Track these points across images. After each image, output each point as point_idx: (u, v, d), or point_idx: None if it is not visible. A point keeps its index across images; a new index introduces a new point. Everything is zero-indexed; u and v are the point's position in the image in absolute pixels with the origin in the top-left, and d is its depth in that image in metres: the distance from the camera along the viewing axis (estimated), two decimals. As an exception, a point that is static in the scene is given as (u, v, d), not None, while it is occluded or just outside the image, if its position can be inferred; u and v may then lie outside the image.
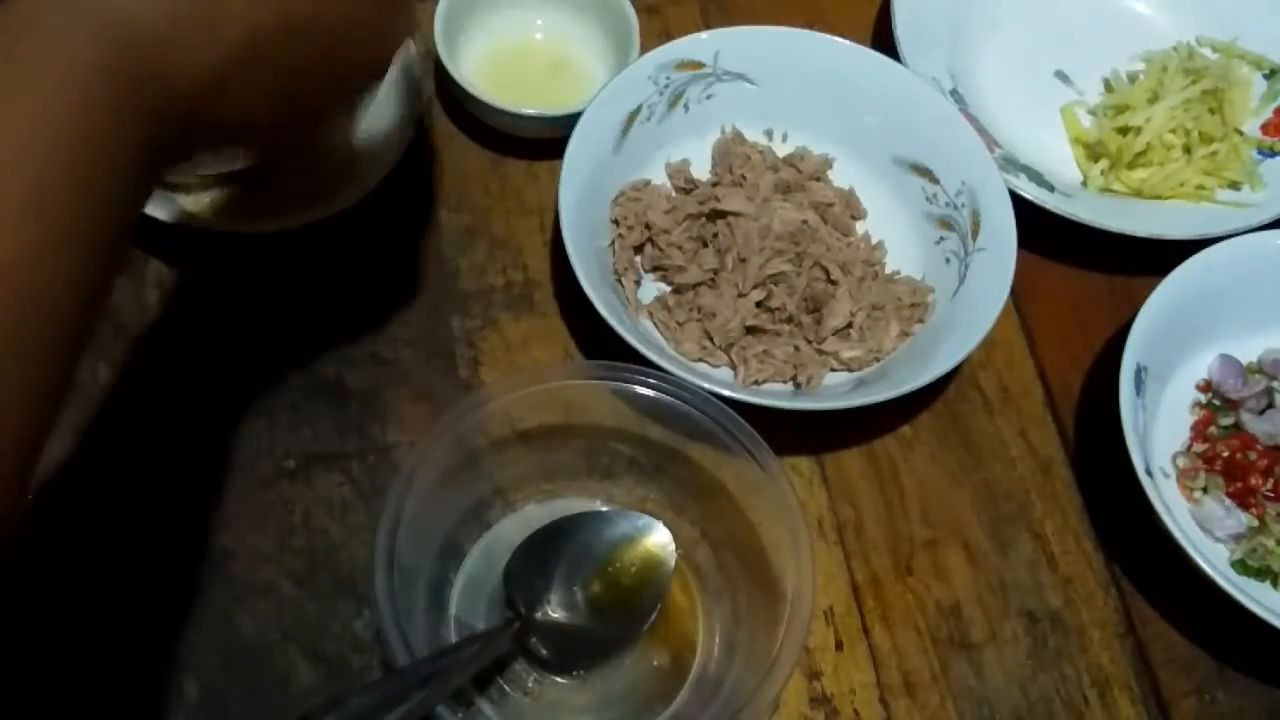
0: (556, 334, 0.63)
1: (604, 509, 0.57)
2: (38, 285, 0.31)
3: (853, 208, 0.68)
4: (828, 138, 0.69)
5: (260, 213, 0.61)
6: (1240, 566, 0.61)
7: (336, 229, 0.61)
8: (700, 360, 0.62)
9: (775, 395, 0.61)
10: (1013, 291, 0.62)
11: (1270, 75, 0.77)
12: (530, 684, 0.53)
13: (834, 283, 0.64)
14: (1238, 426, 0.65)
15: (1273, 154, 0.74)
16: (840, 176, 0.69)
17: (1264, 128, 0.75)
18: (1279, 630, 0.54)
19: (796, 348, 0.63)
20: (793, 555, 0.49)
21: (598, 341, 0.59)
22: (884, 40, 0.71)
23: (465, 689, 0.52)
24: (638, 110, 0.66)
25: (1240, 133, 0.74)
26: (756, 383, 0.62)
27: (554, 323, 0.64)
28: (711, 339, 0.62)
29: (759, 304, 0.63)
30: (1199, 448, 0.64)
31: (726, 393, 0.55)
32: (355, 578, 0.56)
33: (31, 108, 0.31)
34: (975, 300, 0.62)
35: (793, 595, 0.49)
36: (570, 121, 0.63)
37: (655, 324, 0.63)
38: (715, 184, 0.67)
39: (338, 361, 0.61)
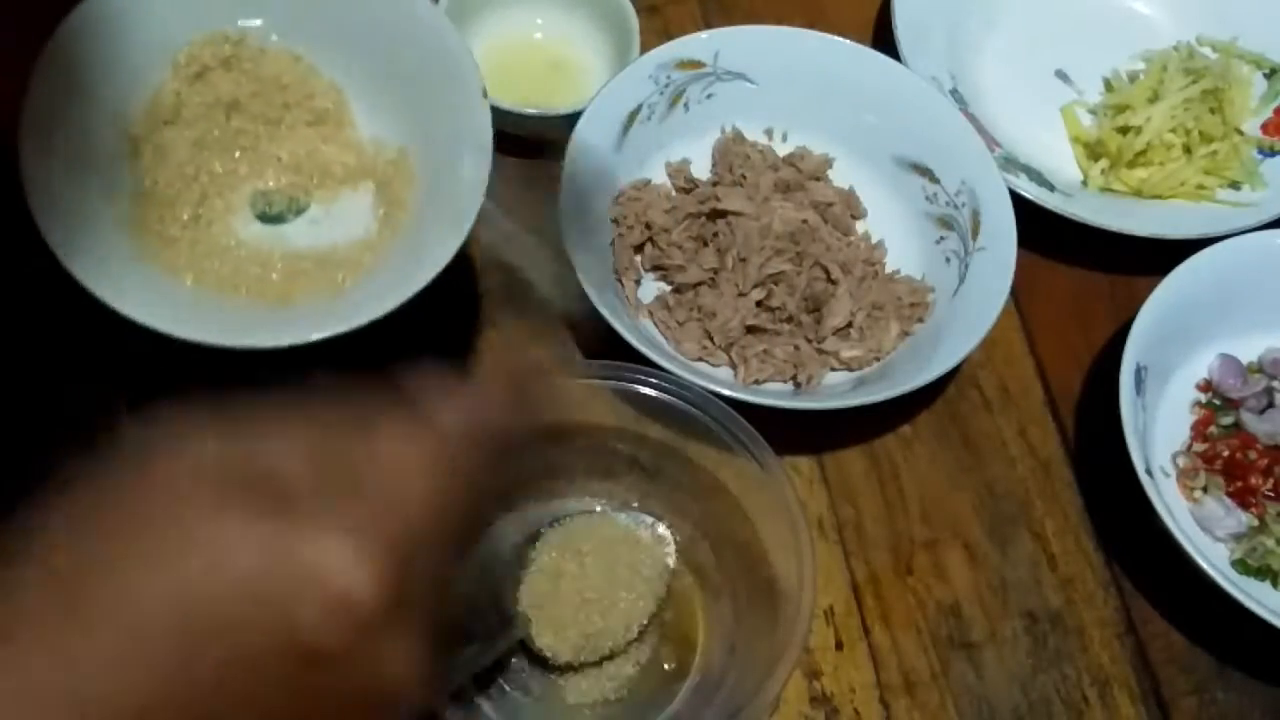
0: (556, 334, 0.63)
1: (604, 509, 0.57)
2: None
3: (853, 207, 0.68)
4: (828, 138, 0.69)
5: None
6: (1240, 566, 0.61)
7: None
8: (700, 360, 0.62)
9: (775, 395, 0.61)
10: (1013, 291, 0.62)
11: (1270, 75, 0.77)
12: (530, 684, 0.53)
13: (834, 282, 0.64)
14: (1238, 426, 0.65)
15: (1273, 153, 0.74)
16: (840, 176, 0.69)
17: (1264, 127, 0.75)
18: (1279, 630, 0.55)
19: (796, 347, 0.63)
20: (793, 555, 0.49)
21: (598, 341, 0.59)
22: (884, 40, 0.71)
23: (465, 689, 0.52)
24: (638, 110, 0.65)
25: (1240, 132, 0.74)
26: (757, 382, 0.62)
27: (554, 323, 0.64)
28: (711, 338, 0.62)
29: (759, 303, 0.63)
30: (1199, 447, 0.64)
31: (726, 392, 0.55)
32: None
33: None
34: (975, 300, 0.62)
35: (793, 595, 0.49)
36: (570, 121, 0.63)
37: (655, 323, 0.63)
38: (715, 183, 0.67)
39: (331, 363, 0.61)
